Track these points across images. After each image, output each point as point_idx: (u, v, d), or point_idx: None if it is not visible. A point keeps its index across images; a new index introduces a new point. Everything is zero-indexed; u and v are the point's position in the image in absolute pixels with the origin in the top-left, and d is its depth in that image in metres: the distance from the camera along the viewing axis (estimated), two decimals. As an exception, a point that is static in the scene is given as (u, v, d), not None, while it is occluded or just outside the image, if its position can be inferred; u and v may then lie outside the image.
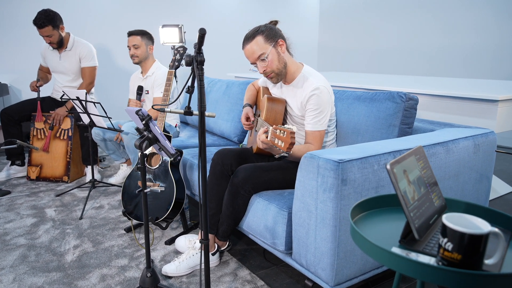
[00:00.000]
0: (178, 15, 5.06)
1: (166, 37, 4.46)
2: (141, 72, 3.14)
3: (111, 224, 2.53)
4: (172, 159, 1.64)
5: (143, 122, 1.56)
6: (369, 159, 1.48)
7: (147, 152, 2.43)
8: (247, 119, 2.19)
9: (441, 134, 1.84)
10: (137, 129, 1.71)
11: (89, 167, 3.39)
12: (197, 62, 1.32)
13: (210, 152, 2.62)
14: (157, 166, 2.31)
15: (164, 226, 2.31)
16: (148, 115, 1.57)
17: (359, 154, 1.47)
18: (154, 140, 1.64)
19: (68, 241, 2.29)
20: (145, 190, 1.68)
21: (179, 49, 2.51)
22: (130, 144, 2.80)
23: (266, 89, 2.27)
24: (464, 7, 4.50)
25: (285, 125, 1.53)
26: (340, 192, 1.42)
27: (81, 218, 2.61)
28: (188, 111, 1.91)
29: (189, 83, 1.56)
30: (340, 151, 1.52)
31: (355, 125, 2.07)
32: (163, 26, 4.46)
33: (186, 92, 1.70)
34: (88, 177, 3.34)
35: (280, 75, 1.92)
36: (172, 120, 3.13)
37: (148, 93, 3.10)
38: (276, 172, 1.89)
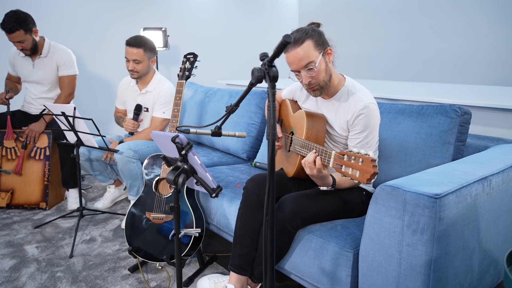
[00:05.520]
0: (160, 18, 4.66)
1: (148, 41, 4.06)
2: (137, 83, 2.70)
3: (110, 262, 2.15)
4: (214, 195, 1.32)
5: (183, 152, 1.23)
6: (463, 190, 1.24)
7: (145, 175, 2.07)
8: None
9: (507, 152, 1.64)
10: (165, 158, 1.38)
11: (70, 190, 2.95)
12: (269, 78, 1.01)
13: (223, 172, 2.30)
14: (170, 194, 1.97)
15: (180, 265, 1.96)
16: (189, 143, 1.24)
17: (451, 185, 1.23)
18: (191, 172, 1.31)
19: (61, 289, 1.90)
20: (180, 234, 1.34)
21: (188, 56, 2.17)
22: (126, 168, 2.42)
23: (294, 103, 1.99)
24: (449, 11, 4.43)
25: (354, 150, 1.25)
26: (436, 234, 1.17)
27: (71, 256, 2.20)
28: (217, 132, 1.61)
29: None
30: (426, 181, 1.27)
31: (401, 143, 1.84)
32: (145, 29, 4.08)
33: (228, 111, 1.40)
34: (70, 202, 2.90)
35: (324, 88, 1.65)
36: None
37: (147, 110, 2.69)
38: (325, 201, 1.61)
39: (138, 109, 2.62)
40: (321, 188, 1.56)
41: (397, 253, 1.24)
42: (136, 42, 2.47)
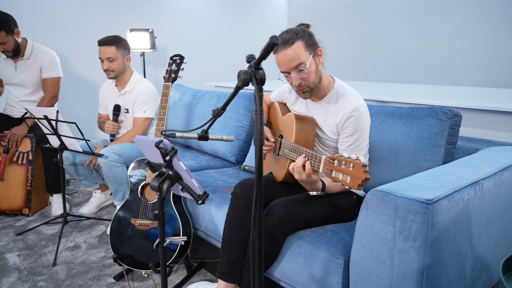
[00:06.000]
0: (147, 19, 4.59)
1: (135, 42, 3.99)
2: (116, 85, 2.69)
3: (95, 270, 2.08)
4: (200, 202, 1.28)
5: (167, 157, 1.18)
6: (455, 195, 1.21)
7: (132, 180, 2.02)
8: (266, 140, 1.85)
9: (498, 155, 1.62)
10: (149, 164, 1.33)
11: (55, 195, 2.87)
12: (256, 81, 0.97)
13: (211, 176, 2.25)
14: (156, 200, 1.91)
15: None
16: (173, 148, 1.19)
17: (443, 190, 1.20)
18: (176, 179, 1.26)
19: (43, 300, 1.83)
20: (165, 243, 1.29)
21: (174, 58, 2.12)
22: (110, 173, 2.36)
23: (283, 105, 1.95)
24: (439, 12, 4.45)
25: (345, 154, 1.22)
26: (428, 241, 1.14)
27: (54, 264, 2.13)
28: (203, 136, 1.56)
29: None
30: (418, 186, 1.24)
31: (392, 145, 1.81)
32: (131, 30, 4.00)
33: (214, 115, 1.35)
34: (54, 208, 2.83)
35: (314, 91, 1.62)
36: None
37: (127, 112, 2.65)
38: (315, 206, 1.58)
39: (117, 109, 2.61)
40: (311, 193, 1.53)
41: (389, 260, 1.21)
42: (107, 40, 2.50)
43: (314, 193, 1.51)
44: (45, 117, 2.20)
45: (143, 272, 2.00)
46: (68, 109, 3.79)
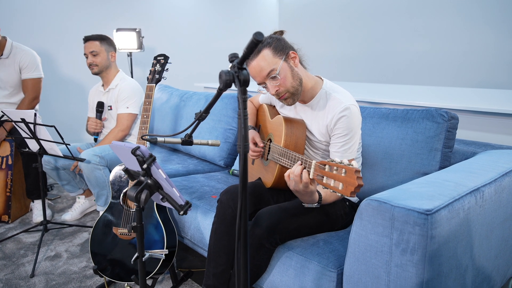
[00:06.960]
0: (135, 18, 4.48)
1: (121, 42, 3.88)
2: (102, 85, 2.63)
3: (75, 281, 1.97)
4: (181, 212, 1.18)
5: (145, 165, 1.08)
6: (455, 204, 1.13)
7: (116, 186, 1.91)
8: (255, 145, 1.76)
9: (497, 159, 1.55)
10: (127, 171, 1.23)
11: (36, 201, 2.75)
12: (239, 82, 0.88)
13: (198, 182, 2.15)
14: (139, 207, 1.81)
15: (150, 285, 1.81)
16: (151, 155, 1.10)
17: (442, 199, 1.12)
18: (156, 188, 1.17)
19: (18, 315, 1.72)
20: (144, 257, 1.19)
21: (158, 58, 2.03)
22: (92, 176, 2.26)
23: (272, 108, 1.86)
24: (434, 12, 4.39)
25: (336, 159, 1.13)
26: (427, 254, 1.05)
27: (32, 275, 2.02)
28: (187, 140, 1.47)
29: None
30: (415, 194, 1.16)
31: (386, 149, 1.73)
32: (118, 30, 3.88)
33: (196, 119, 1.26)
34: (35, 215, 2.70)
35: (296, 95, 1.53)
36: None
37: (111, 109, 2.58)
38: (306, 215, 1.49)
39: (100, 106, 2.57)
40: (306, 205, 1.42)
41: (385, 275, 1.13)
42: (91, 36, 2.54)
43: (309, 205, 1.42)
44: (23, 120, 2.09)
45: (126, 285, 1.89)
46: (50, 112, 3.66)
